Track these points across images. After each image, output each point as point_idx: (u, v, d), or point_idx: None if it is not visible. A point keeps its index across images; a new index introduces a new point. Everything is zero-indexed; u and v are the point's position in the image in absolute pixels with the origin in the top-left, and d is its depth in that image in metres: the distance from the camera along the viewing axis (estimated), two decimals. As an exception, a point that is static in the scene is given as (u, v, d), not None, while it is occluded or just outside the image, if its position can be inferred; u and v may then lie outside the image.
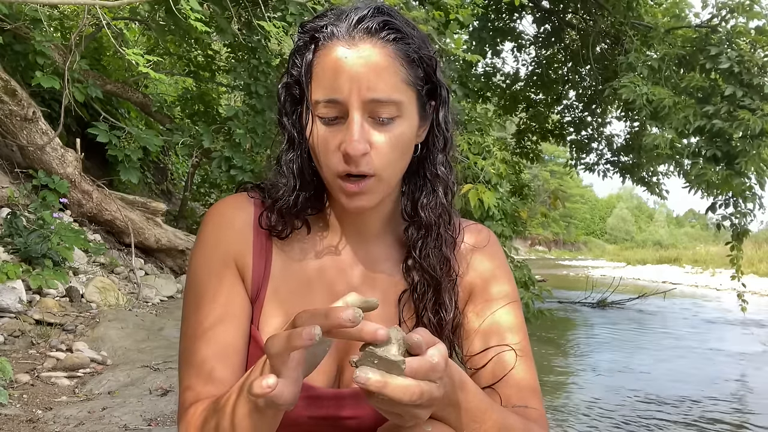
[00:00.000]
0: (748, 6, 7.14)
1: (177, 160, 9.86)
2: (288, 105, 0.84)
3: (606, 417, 4.95)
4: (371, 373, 0.58)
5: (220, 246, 0.85)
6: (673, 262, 30.91)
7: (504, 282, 0.91)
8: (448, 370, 0.63)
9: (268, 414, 0.66)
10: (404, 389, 0.58)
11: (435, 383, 0.61)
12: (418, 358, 0.60)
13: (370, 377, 0.57)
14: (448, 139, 0.86)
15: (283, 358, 0.60)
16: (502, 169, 5.15)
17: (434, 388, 0.61)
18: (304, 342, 0.57)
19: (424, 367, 0.60)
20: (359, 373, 0.58)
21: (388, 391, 0.58)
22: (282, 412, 0.68)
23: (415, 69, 0.79)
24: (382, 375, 0.58)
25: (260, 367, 0.65)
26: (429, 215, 0.85)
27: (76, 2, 4.20)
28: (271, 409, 0.64)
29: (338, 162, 0.77)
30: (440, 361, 0.61)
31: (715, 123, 6.86)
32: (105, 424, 2.61)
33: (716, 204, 7.52)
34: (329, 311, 0.59)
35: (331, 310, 0.59)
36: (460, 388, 0.68)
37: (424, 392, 0.59)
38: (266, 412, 0.65)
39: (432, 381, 0.60)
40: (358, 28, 0.77)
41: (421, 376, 0.59)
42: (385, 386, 0.57)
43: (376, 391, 0.58)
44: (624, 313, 12.19)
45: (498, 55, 10.55)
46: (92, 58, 7.01)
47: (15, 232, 4.25)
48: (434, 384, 0.61)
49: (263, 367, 0.63)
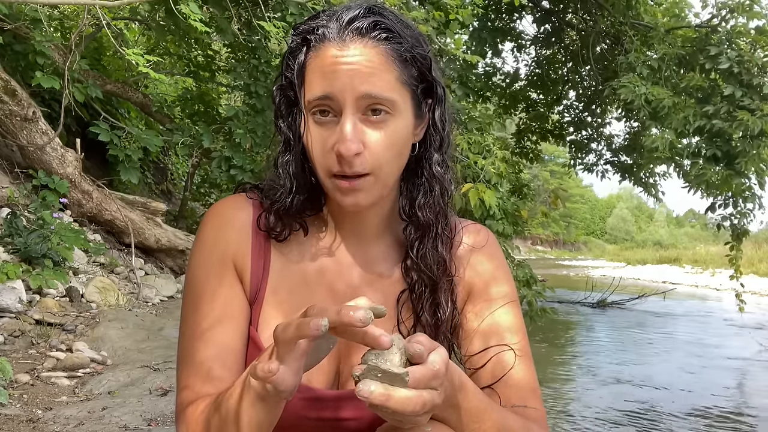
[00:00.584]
0: (748, 6, 7.14)
1: (177, 160, 9.86)
2: (283, 107, 0.84)
3: (606, 417, 4.95)
4: (374, 387, 0.58)
5: (219, 246, 0.85)
6: (673, 262, 30.92)
7: (503, 282, 0.91)
8: (448, 374, 0.64)
9: (270, 403, 0.67)
10: (407, 401, 0.59)
11: (436, 390, 0.61)
12: (421, 367, 0.60)
13: (373, 391, 0.58)
14: (444, 138, 0.86)
15: (290, 346, 0.62)
16: (502, 169, 5.15)
17: (435, 395, 0.61)
18: (312, 331, 0.59)
19: (427, 376, 0.60)
20: (362, 387, 0.58)
21: (391, 404, 0.58)
22: (282, 402, 0.69)
23: (408, 68, 0.79)
24: (386, 388, 0.58)
25: (267, 354, 0.66)
26: (426, 215, 0.85)
27: (76, 2, 4.20)
28: (273, 397, 0.66)
29: (333, 163, 0.77)
30: (441, 367, 0.61)
31: (715, 123, 6.85)
32: (105, 424, 2.62)
33: (716, 204, 7.52)
34: (342, 309, 0.59)
35: (344, 307, 0.60)
36: (459, 389, 0.68)
37: (426, 402, 0.60)
38: (268, 401, 0.66)
39: (433, 389, 0.61)
40: (349, 28, 0.77)
41: (423, 385, 0.60)
42: (388, 399, 0.58)
43: (380, 405, 0.58)
44: (624, 313, 12.19)
45: (498, 55, 10.55)
46: (92, 58, 7.00)
47: (15, 232, 4.25)
48: (435, 392, 0.61)
49: (270, 354, 0.65)
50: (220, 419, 0.71)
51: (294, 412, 0.78)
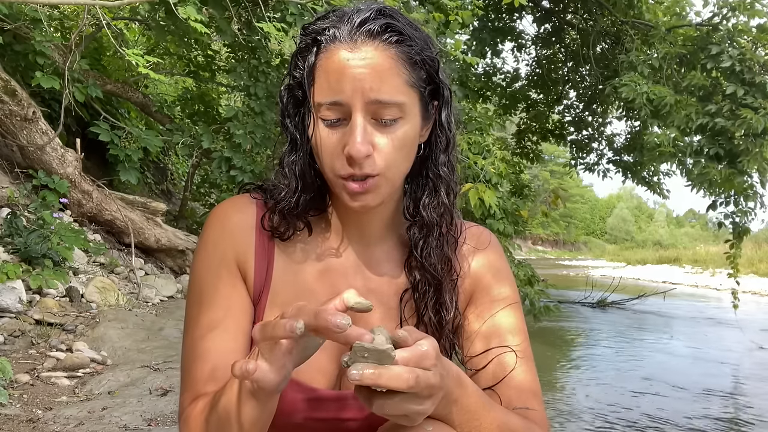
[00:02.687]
0: (749, 4, 7.13)
1: (177, 160, 9.87)
2: (290, 107, 0.84)
3: (606, 417, 4.95)
4: (364, 368, 0.58)
5: (222, 248, 0.85)
6: (673, 262, 30.94)
7: (505, 284, 0.91)
8: (440, 360, 0.64)
9: (261, 399, 0.68)
10: (398, 376, 0.59)
11: (429, 370, 0.61)
12: (407, 348, 0.61)
13: (363, 372, 0.58)
14: (450, 139, 0.86)
15: (269, 345, 0.63)
16: (502, 168, 5.16)
17: (429, 375, 0.61)
18: (286, 333, 0.59)
19: (415, 354, 0.61)
20: (353, 371, 0.59)
21: (383, 381, 0.58)
22: (274, 397, 0.70)
23: (417, 71, 0.79)
24: (375, 367, 0.59)
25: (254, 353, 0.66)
26: (431, 215, 0.85)
27: (76, 2, 4.20)
28: (260, 393, 0.67)
29: (342, 165, 0.77)
30: (429, 349, 0.62)
31: (718, 121, 6.84)
32: (105, 424, 2.61)
33: (717, 202, 7.51)
34: (319, 312, 0.60)
35: (321, 311, 0.60)
36: (458, 384, 0.68)
37: (419, 377, 0.60)
38: (259, 397, 0.67)
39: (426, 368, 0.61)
40: (360, 30, 0.77)
41: (413, 363, 0.60)
42: (379, 377, 0.58)
43: (372, 384, 0.58)
44: (624, 313, 12.19)
45: (498, 55, 10.56)
46: (92, 58, 7.00)
47: (15, 232, 4.25)
48: (429, 372, 0.61)
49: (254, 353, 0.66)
50: (217, 416, 0.72)
51: (296, 413, 0.79)
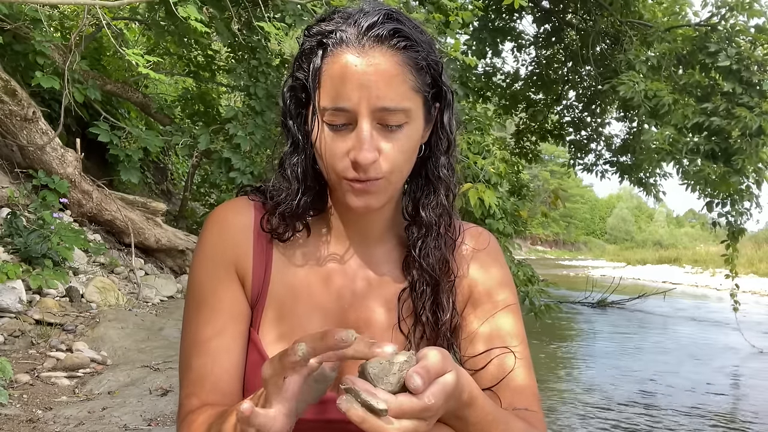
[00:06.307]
0: (747, 4, 7.13)
1: (177, 160, 9.87)
2: (293, 108, 0.83)
3: (605, 416, 4.95)
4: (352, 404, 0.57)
5: (220, 251, 0.85)
6: (673, 262, 30.96)
7: (504, 286, 0.91)
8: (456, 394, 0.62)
9: None
10: (382, 429, 0.57)
11: (424, 421, 0.60)
12: (411, 398, 0.58)
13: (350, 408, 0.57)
14: (451, 141, 0.86)
15: (278, 384, 0.60)
16: (501, 168, 5.16)
17: (421, 426, 0.59)
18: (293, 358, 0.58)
19: (414, 409, 0.58)
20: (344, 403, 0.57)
21: (366, 427, 0.57)
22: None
23: (423, 75, 0.78)
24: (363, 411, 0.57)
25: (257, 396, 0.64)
26: (430, 215, 0.85)
27: (76, 2, 4.20)
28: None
29: (346, 168, 0.77)
30: (437, 401, 0.59)
31: (714, 120, 6.84)
32: (105, 424, 2.62)
33: (713, 202, 7.50)
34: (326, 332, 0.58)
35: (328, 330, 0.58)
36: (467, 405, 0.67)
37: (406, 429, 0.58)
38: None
39: (421, 419, 0.59)
40: (368, 35, 0.76)
41: (407, 416, 0.58)
42: (363, 422, 0.57)
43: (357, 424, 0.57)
44: (624, 313, 12.20)
45: (498, 55, 10.54)
46: (92, 58, 7.01)
47: (15, 232, 4.25)
48: (423, 422, 0.59)
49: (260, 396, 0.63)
50: None
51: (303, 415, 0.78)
